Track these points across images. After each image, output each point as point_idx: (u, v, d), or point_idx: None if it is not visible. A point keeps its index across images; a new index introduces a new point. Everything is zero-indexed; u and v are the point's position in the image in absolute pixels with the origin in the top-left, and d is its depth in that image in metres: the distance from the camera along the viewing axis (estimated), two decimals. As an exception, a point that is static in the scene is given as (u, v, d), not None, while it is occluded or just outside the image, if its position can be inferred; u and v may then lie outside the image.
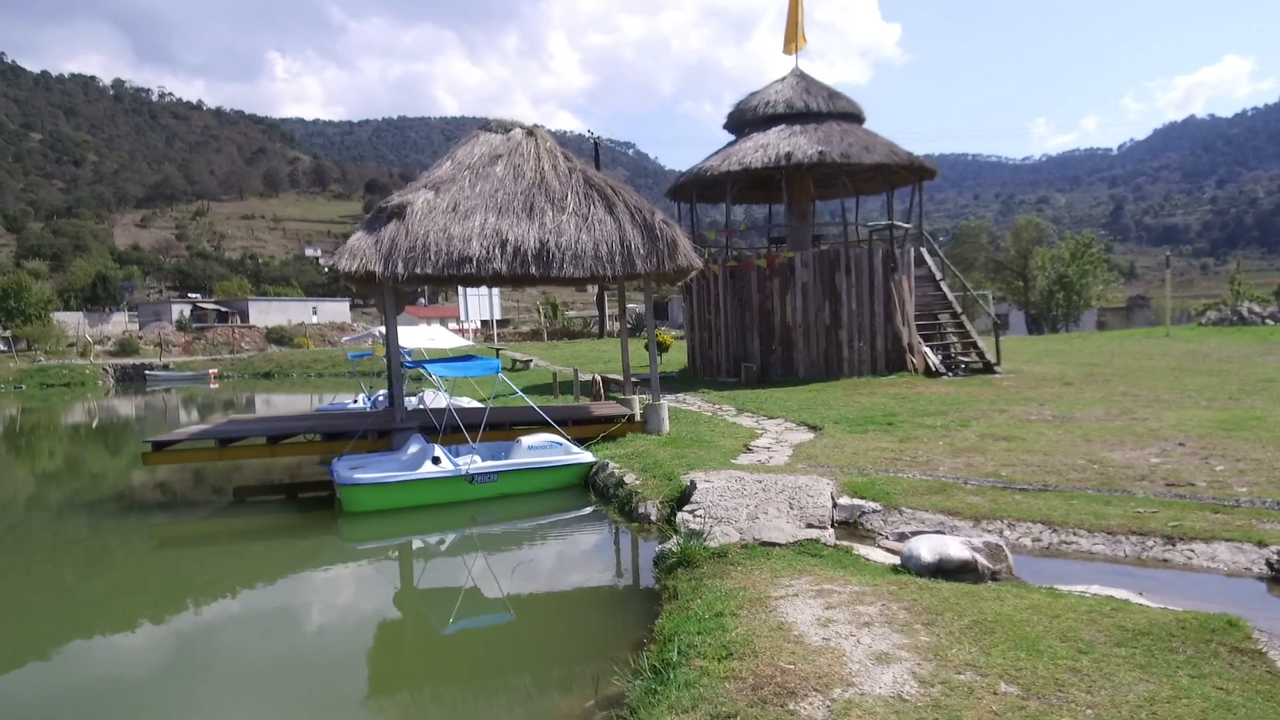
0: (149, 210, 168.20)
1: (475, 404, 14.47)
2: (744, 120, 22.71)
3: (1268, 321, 39.99)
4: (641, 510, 8.45)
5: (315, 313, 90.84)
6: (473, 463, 10.06)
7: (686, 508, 7.21)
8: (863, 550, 6.14)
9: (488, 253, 10.70)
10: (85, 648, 6.63)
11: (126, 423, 28.24)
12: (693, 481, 7.94)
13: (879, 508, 7.23)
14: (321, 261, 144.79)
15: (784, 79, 22.77)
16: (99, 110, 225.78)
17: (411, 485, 9.69)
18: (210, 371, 49.84)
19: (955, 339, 21.21)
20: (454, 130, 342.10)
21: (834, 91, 22.32)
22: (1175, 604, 4.95)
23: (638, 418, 12.50)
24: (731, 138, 23.14)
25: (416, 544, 9.36)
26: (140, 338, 69.22)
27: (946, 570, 5.42)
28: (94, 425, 27.59)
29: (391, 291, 11.25)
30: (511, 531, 9.55)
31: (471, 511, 9.83)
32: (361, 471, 9.71)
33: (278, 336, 74.62)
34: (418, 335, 15.74)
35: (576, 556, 8.64)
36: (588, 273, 11.11)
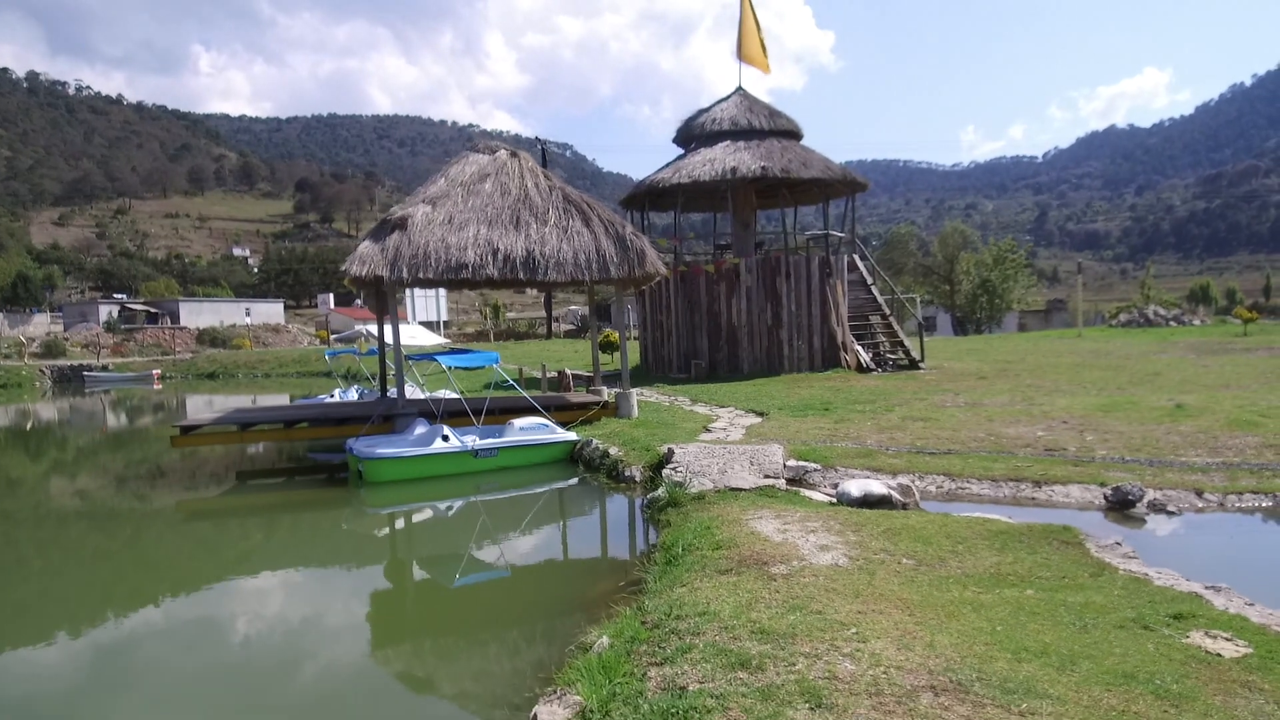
0: (67, 208, 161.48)
1: (454, 395, 15.92)
2: (692, 135, 24.58)
3: (1171, 323, 43.75)
4: (628, 473, 10.24)
5: (248, 314, 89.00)
6: (475, 441, 11.67)
7: (668, 467, 8.96)
8: (808, 493, 7.98)
9: (481, 260, 12.28)
10: (180, 593, 8.04)
11: (99, 419, 28.70)
12: (670, 449, 9.70)
13: (819, 467, 9.07)
14: (251, 261, 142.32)
15: (729, 98, 24.69)
16: (12, 103, 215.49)
17: (426, 459, 11.27)
18: (154, 373, 49.48)
19: (884, 338, 23.42)
20: (387, 128, 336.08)
21: (774, 111, 24.33)
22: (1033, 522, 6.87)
23: (610, 404, 14.20)
24: (680, 151, 24.98)
25: (438, 507, 10.95)
26: (66, 339, 67.46)
27: (870, 502, 7.28)
28: (28, 425, 27.97)
29: (393, 294, 12.73)
30: (515, 496, 11.23)
31: (475, 482, 11.47)
32: (381, 447, 11.21)
33: (210, 338, 73.00)
34: (406, 333, 17.12)
35: (578, 510, 10.60)
36: (569, 278, 12.78)
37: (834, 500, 7.60)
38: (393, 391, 14.40)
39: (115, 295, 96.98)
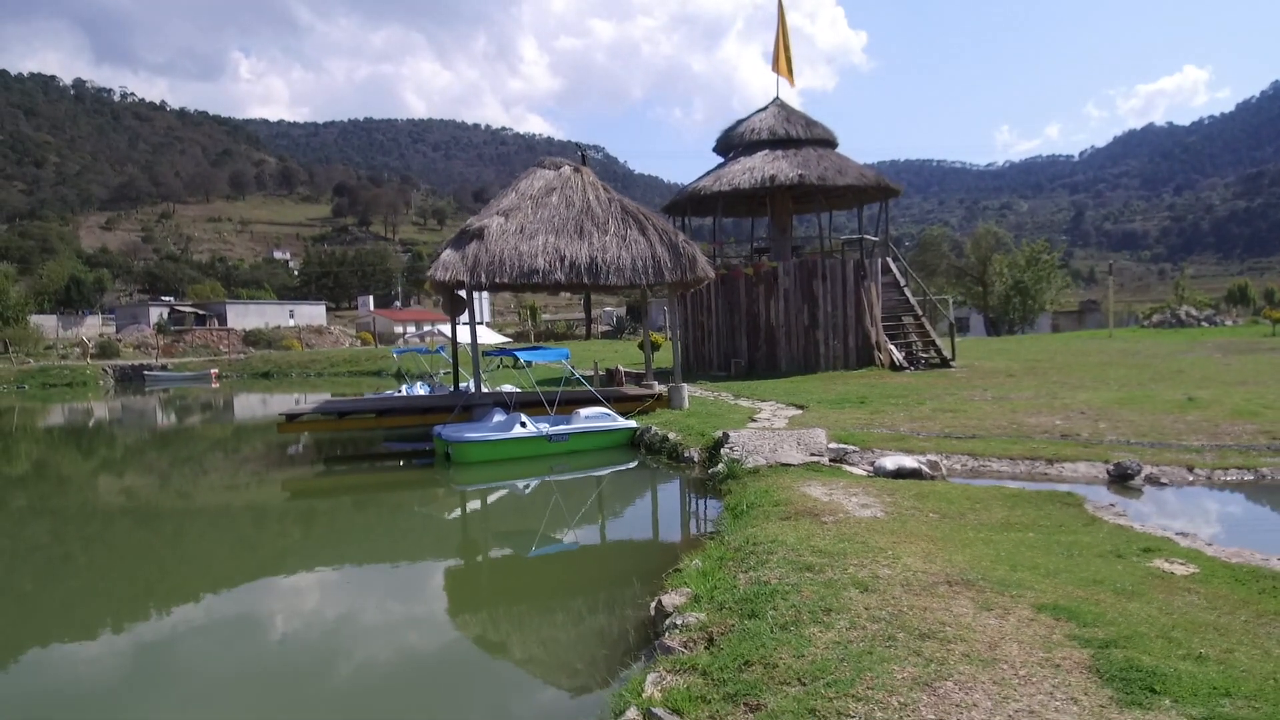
0: (113, 212, 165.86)
1: (515, 389, 17.39)
2: (731, 145, 25.89)
3: (1203, 324, 44.23)
4: (687, 454, 11.63)
5: (292, 316, 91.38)
6: (548, 427, 13.13)
7: (725, 448, 10.29)
8: (848, 468, 9.27)
9: (550, 266, 13.70)
10: (313, 555, 9.52)
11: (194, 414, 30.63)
12: (725, 433, 11.03)
13: (857, 448, 10.33)
14: (291, 264, 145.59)
15: (767, 108, 25.94)
16: (60, 110, 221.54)
17: (507, 442, 12.75)
18: (212, 371, 51.65)
19: (916, 338, 24.51)
20: (421, 132, 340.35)
21: (811, 120, 25.55)
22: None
23: (663, 397, 15.55)
24: (719, 159, 26.28)
25: (516, 485, 12.38)
26: (119, 340, 69.99)
27: (902, 474, 8.55)
28: (90, 422, 29.90)
29: (471, 297, 14.18)
30: (586, 476, 12.67)
31: (548, 463, 12.91)
32: (468, 432, 12.69)
33: (256, 339, 75.11)
34: (466, 333, 18.59)
35: (645, 486, 12.08)
36: (627, 282, 14.16)
37: (871, 473, 8.88)
38: (466, 385, 15.89)
39: (163, 298, 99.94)
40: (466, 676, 5.49)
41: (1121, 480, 8.75)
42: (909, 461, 8.67)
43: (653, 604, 5.14)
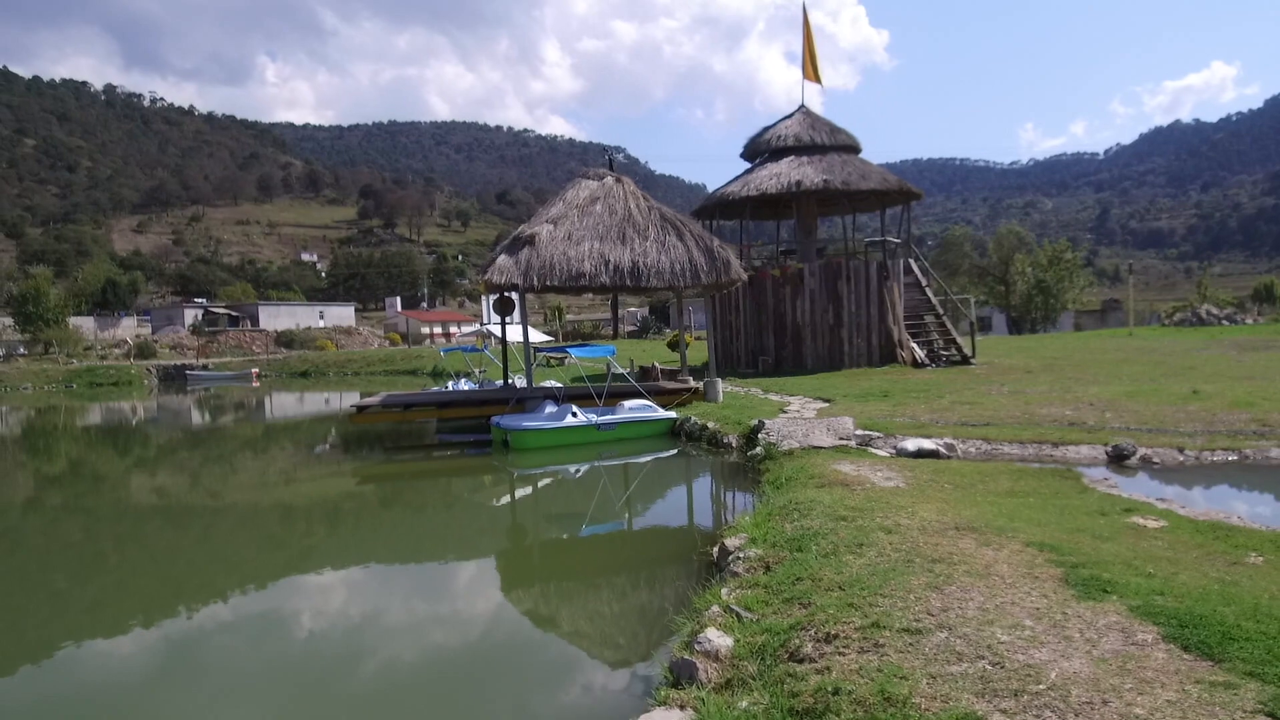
0: (145, 216, 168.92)
1: (558, 384, 18.64)
2: (758, 151, 27.00)
3: (1223, 322, 44.67)
4: (725, 440, 12.81)
5: (322, 317, 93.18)
6: (597, 417, 14.36)
7: (762, 433, 11.44)
8: (873, 450, 10.39)
9: (595, 269, 14.91)
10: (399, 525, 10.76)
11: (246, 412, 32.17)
12: (760, 421, 12.18)
13: (881, 434, 11.43)
14: (319, 266, 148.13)
15: (792, 115, 27.02)
16: (91, 116, 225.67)
17: (561, 430, 14.01)
18: (253, 371, 53.36)
19: (938, 336, 25.49)
20: (444, 135, 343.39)
21: (835, 127, 26.60)
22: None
23: (699, 391, 16.71)
24: (747, 165, 27.40)
25: (568, 470, 13.57)
26: (155, 341, 71.96)
27: (922, 454, 9.67)
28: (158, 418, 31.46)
29: (523, 298, 15.42)
30: (632, 462, 13.84)
31: (597, 450, 14.13)
32: (525, 421, 13.94)
33: (287, 340, 76.45)
34: (515, 332, 19.93)
35: (690, 468, 13.24)
36: (666, 284, 15.34)
37: (894, 454, 10.00)
38: (517, 380, 17.15)
39: (196, 299, 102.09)
40: (567, 605, 6.67)
41: (1118, 460, 9.81)
42: (928, 444, 9.79)
43: (715, 548, 6.32)
